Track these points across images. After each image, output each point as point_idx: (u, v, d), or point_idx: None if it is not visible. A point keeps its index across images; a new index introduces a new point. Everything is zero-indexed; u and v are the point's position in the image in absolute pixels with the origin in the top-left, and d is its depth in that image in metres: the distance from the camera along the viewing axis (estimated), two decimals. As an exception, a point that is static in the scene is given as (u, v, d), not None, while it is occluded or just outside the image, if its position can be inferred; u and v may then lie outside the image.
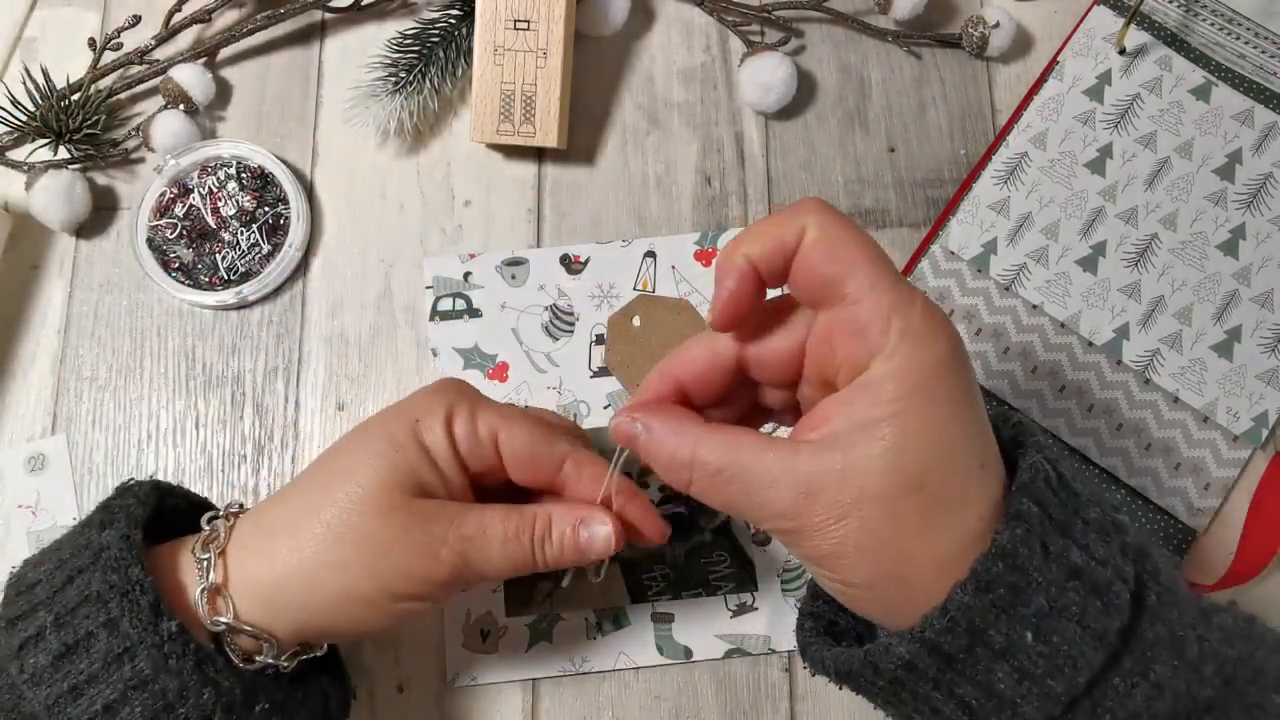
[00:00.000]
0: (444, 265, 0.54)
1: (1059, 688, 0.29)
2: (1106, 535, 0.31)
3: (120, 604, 0.33)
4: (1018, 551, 0.29)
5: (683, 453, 0.32)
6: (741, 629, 0.48)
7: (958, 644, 0.29)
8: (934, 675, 0.30)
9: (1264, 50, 0.54)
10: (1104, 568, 0.30)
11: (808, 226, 0.31)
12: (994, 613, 0.29)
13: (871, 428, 0.30)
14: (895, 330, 0.30)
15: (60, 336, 0.53)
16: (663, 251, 0.54)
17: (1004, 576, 0.29)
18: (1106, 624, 0.29)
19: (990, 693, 0.30)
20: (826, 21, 0.57)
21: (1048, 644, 0.29)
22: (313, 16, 0.58)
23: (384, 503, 0.36)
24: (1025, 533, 0.29)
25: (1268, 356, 0.51)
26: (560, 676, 0.48)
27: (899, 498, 0.30)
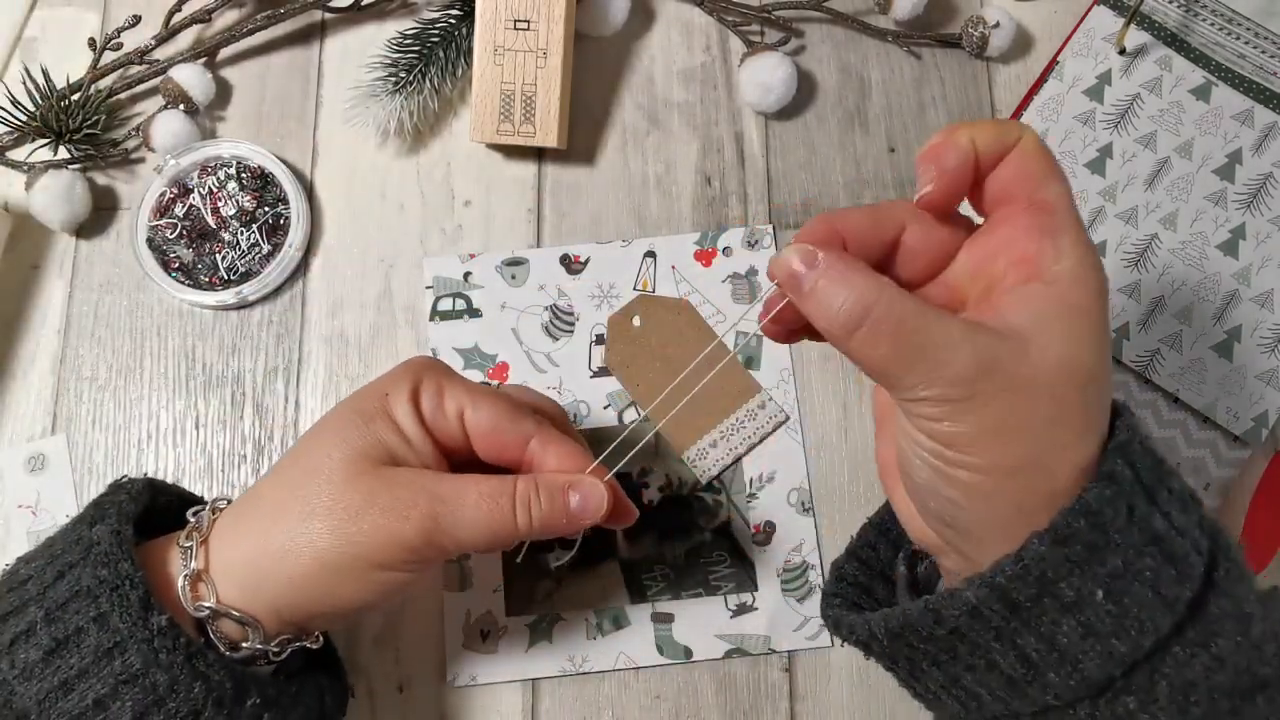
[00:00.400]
0: (444, 265, 0.54)
1: (1123, 648, 0.29)
2: (1187, 506, 0.31)
3: (110, 598, 0.33)
4: (1103, 510, 0.29)
5: (868, 295, 0.30)
6: (741, 629, 0.48)
7: (1027, 592, 0.29)
8: (997, 624, 0.30)
9: (1264, 50, 0.54)
10: (1183, 538, 0.30)
11: (1025, 135, 0.32)
12: (1068, 566, 0.29)
13: (1055, 321, 0.30)
14: (1081, 243, 0.31)
15: (60, 336, 0.53)
16: (663, 251, 0.54)
17: (1083, 533, 0.29)
18: (1178, 592, 0.30)
19: (1053, 645, 0.30)
20: (826, 21, 0.57)
21: (1118, 604, 0.29)
22: (313, 16, 0.58)
23: (352, 470, 0.36)
24: (1114, 494, 0.29)
25: (1268, 356, 0.51)
26: (560, 676, 0.48)
27: (1069, 389, 0.30)
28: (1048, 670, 0.30)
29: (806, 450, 0.51)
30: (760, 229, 0.54)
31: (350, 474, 0.36)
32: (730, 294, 0.53)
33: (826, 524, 0.50)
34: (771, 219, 0.54)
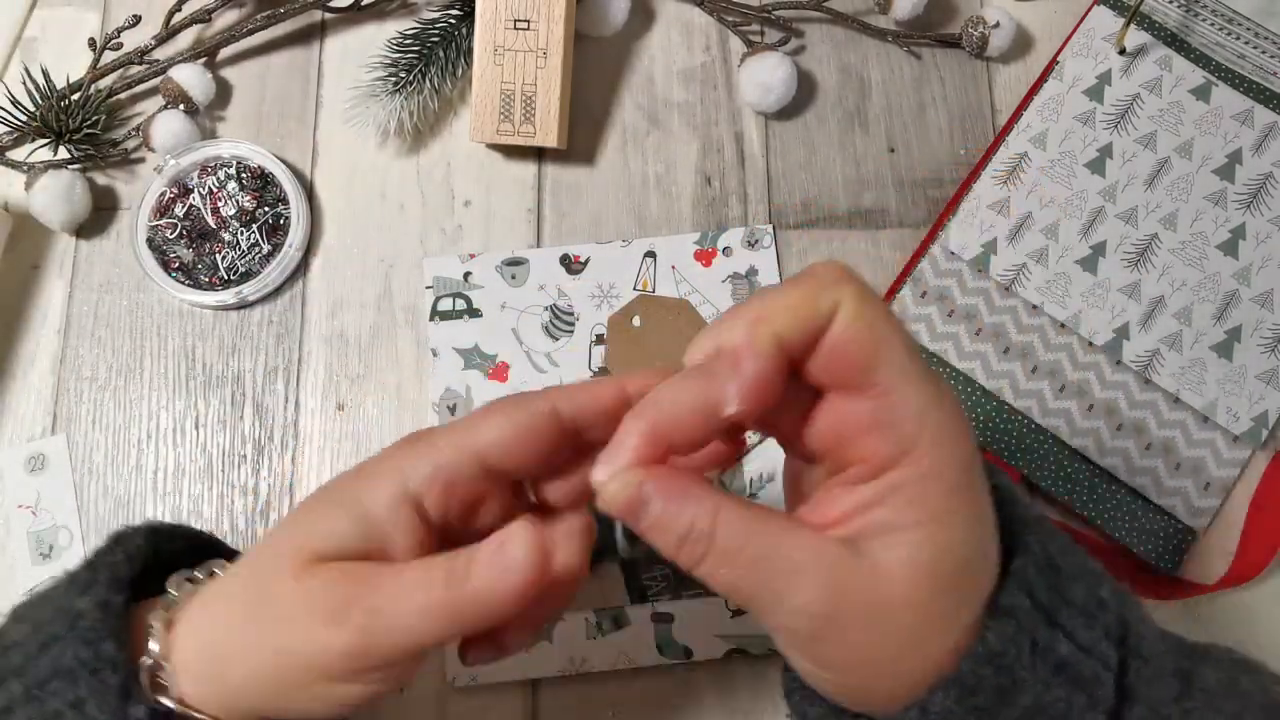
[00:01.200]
0: (444, 265, 0.53)
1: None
2: (1091, 618, 0.29)
3: (89, 683, 0.31)
4: (1007, 651, 0.28)
5: (699, 523, 0.28)
6: (742, 629, 0.48)
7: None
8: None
9: (1264, 50, 0.54)
10: (1089, 657, 0.29)
11: (842, 302, 0.27)
12: (976, 714, 0.28)
13: (907, 531, 0.27)
14: (930, 428, 0.27)
15: (60, 336, 0.53)
16: (663, 251, 0.54)
17: (991, 679, 0.27)
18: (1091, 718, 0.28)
19: None
20: (826, 21, 0.57)
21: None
22: (313, 16, 0.58)
23: (297, 566, 0.31)
24: (1015, 629, 0.28)
25: (1268, 356, 0.51)
26: (560, 677, 0.48)
27: (932, 602, 0.27)
28: None
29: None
30: (760, 228, 0.54)
31: (293, 573, 0.31)
32: (730, 294, 0.53)
33: (826, 524, 0.50)
34: (772, 219, 0.54)
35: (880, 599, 0.27)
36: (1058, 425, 0.50)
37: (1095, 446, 0.50)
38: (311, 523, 0.33)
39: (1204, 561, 0.49)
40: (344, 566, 0.31)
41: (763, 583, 0.27)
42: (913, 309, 0.52)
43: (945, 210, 0.54)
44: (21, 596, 0.35)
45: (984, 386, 0.51)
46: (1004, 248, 0.52)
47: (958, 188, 0.54)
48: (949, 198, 0.54)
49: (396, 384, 0.52)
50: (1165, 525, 0.49)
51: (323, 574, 0.31)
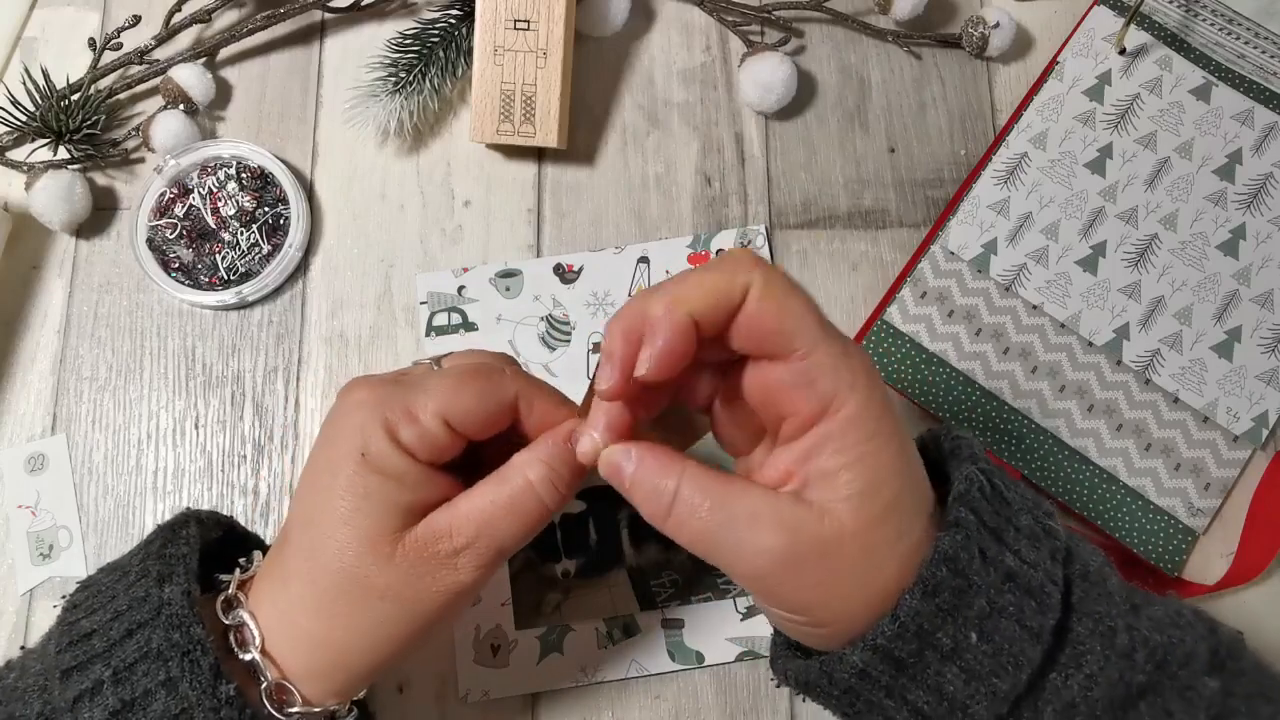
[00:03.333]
0: (437, 281, 0.53)
1: (1004, 686, 0.31)
2: (1036, 541, 0.33)
3: (180, 664, 0.33)
4: (959, 556, 0.31)
5: (668, 483, 0.33)
6: (752, 631, 0.48)
7: (908, 648, 0.31)
8: (886, 682, 0.31)
9: (1264, 50, 0.54)
10: (1035, 570, 0.32)
11: (752, 282, 0.31)
12: (941, 616, 0.31)
13: (841, 472, 0.31)
14: (845, 379, 0.31)
15: (60, 336, 0.53)
16: (656, 256, 0.54)
17: (948, 581, 0.31)
18: (1041, 622, 0.31)
19: (941, 695, 0.31)
20: (826, 21, 0.57)
21: (991, 643, 0.31)
22: (313, 16, 0.58)
23: (383, 553, 0.35)
24: (965, 539, 0.31)
25: (1268, 357, 0.51)
26: (573, 688, 0.48)
27: (872, 532, 0.31)
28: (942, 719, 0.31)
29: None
30: (753, 229, 0.54)
31: (384, 559, 0.35)
32: (730, 294, 0.53)
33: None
34: (771, 219, 0.54)
35: (829, 534, 0.31)
36: (1058, 425, 0.50)
37: (1095, 446, 0.50)
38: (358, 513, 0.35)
39: (1204, 561, 0.49)
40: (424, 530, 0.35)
41: (725, 529, 0.32)
42: (913, 309, 0.52)
43: (945, 210, 0.54)
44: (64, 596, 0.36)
45: (984, 386, 0.51)
46: (1004, 248, 0.52)
47: (958, 188, 0.54)
48: (949, 198, 0.54)
49: (396, 384, 0.52)
50: (1165, 525, 0.49)
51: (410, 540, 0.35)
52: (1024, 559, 0.32)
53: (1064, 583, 0.32)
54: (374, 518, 0.35)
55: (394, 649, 0.36)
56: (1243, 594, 0.49)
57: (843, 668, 0.32)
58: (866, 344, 0.52)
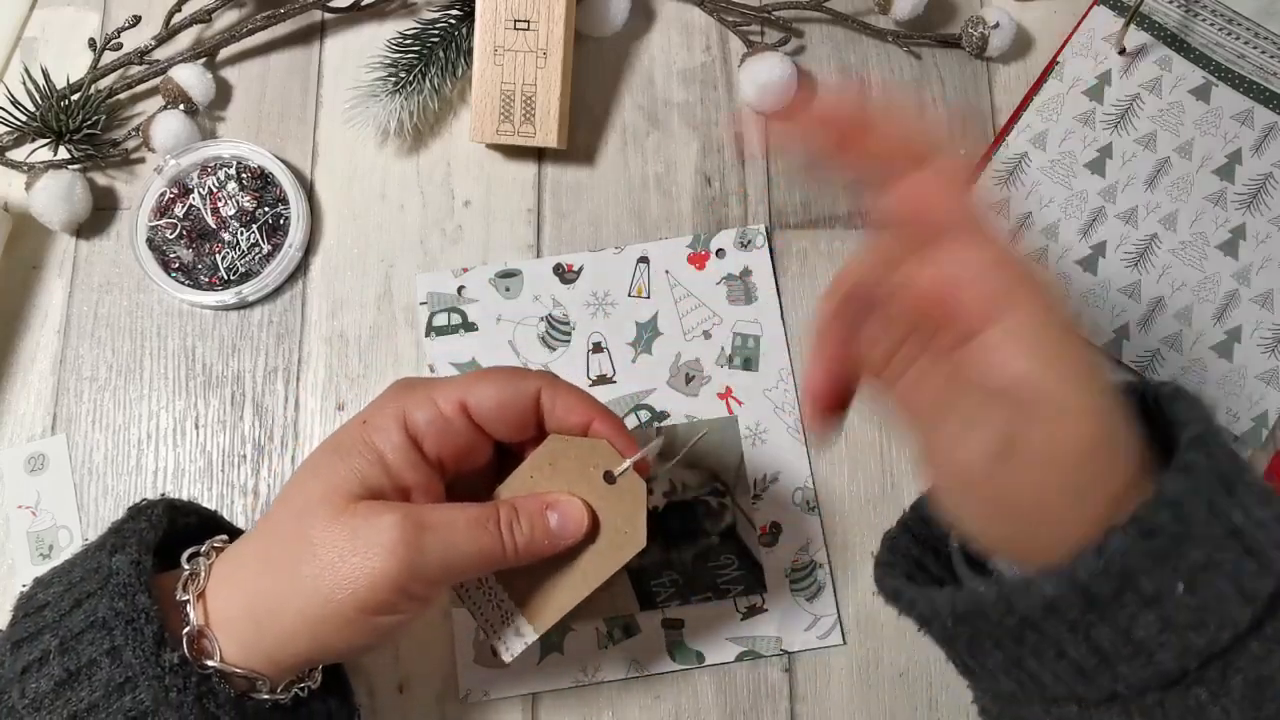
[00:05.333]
0: (437, 281, 0.53)
1: (1200, 641, 0.29)
2: (1268, 500, 0.30)
3: (125, 632, 0.33)
4: (1183, 502, 0.29)
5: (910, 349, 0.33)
6: (752, 631, 0.48)
7: (1108, 587, 0.29)
8: (1073, 617, 0.29)
9: (1264, 50, 0.54)
10: (1261, 530, 0.30)
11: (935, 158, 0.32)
12: (1150, 560, 0.29)
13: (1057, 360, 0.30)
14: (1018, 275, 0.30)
15: (60, 336, 0.53)
16: (655, 256, 0.54)
17: (1168, 526, 0.29)
18: (1258, 586, 0.29)
19: (1129, 639, 0.29)
20: (826, 21, 0.57)
21: (1198, 598, 0.29)
22: (313, 16, 0.58)
23: (332, 511, 0.35)
24: (1193, 485, 0.29)
25: (1267, 357, 0.51)
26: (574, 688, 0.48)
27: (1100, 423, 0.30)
28: (1119, 662, 0.30)
29: (809, 449, 0.51)
30: (752, 229, 0.54)
31: (329, 515, 0.35)
32: (725, 296, 0.53)
33: (831, 522, 0.50)
34: (772, 219, 0.54)
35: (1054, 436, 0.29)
36: (1058, 425, 0.50)
37: (1095, 446, 0.50)
38: (334, 471, 0.36)
39: (1204, 561, 0.49)
40: (386, 503, 0.36)
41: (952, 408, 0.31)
42: (913, 309, 0.52)
43: (945, 210, 0.54)
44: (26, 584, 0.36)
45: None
46: (1004, 248, 0.52)
47: (958, 188, 0.54)
48: (949, 198, 0.54)
49: (396, 384, 0.52)
50: (1165, 525, 0.49)
51: (364, 511, 0.35)
52: (1251, 516, 0.30)
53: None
54: (341, 476, 0.36)
55: (309, 629, 0.35)
56: (1243, 594, 0.49)
57: (1029, 597, 0.29)
58: (866, 344, 0.52)
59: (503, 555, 0.36)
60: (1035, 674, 0.31)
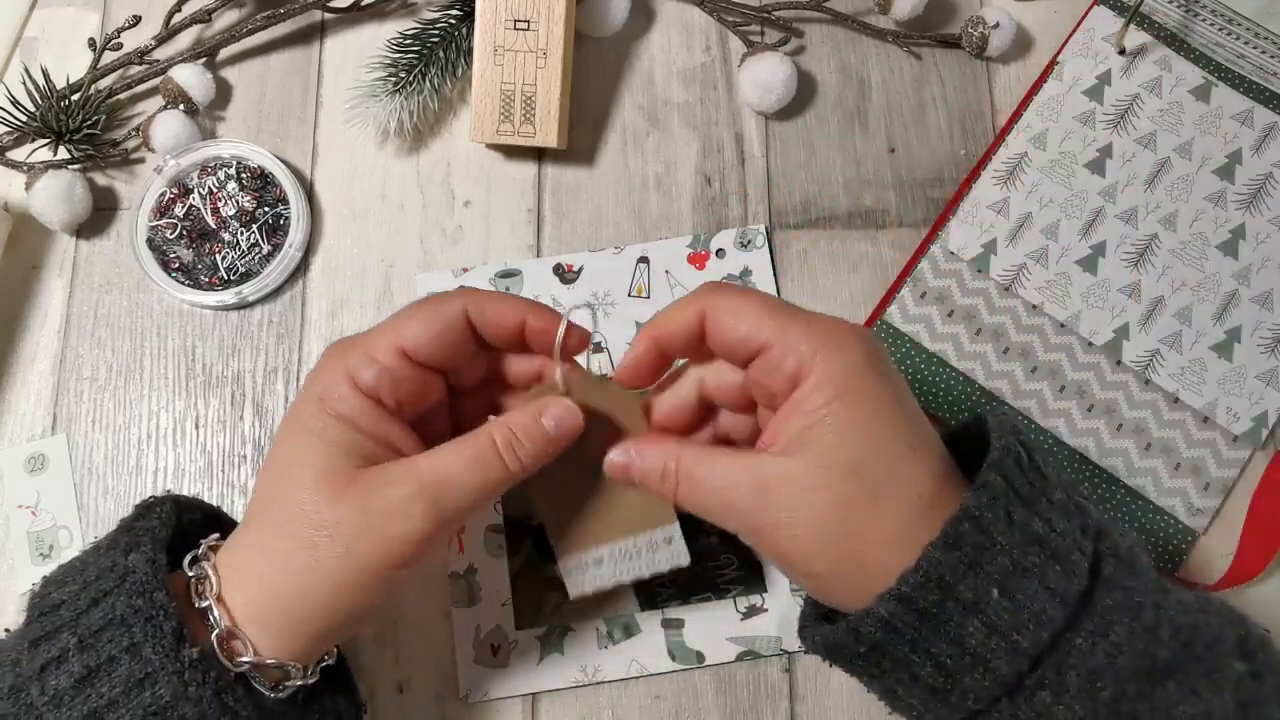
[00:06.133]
0: (437, 281, 0.53)
1: (1024, 642, 0.32)
2: (1069, 514, 0.34)
3: (144, 629, 0.33)
4: (983, 515, 0.33)
5: (668, 465, 0.37)
6: (752, 631, 0.48)
7: (931, 598, 0.32)
8: (910, 635, 0.33)
9: (1264, 50, 0.54)
10: (1064, 539, 0.33)
11: (706, 309, 0.37)
12: (962, 568, 0.32)
13: (806, 432, 0.34)
14: (807, 354, 0.35)
15: (60, 336, 0.53)
16: (655, 256, 0.54)
17: (970, 535, 0.32)
18: (1066, 586, 0.32)
19: (963, 648, 0.32)
20: (826, 21, 0.57)
21: (1012, 600, 0.32)
22: (313, 16, 0.58)
23: (333, 491, 0.35)
24: (990, 500, 0.33)
25: (1267, 357, 0.51)
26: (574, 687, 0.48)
27: (839, 485, 0.34)
28: (963, 675, 0.33)
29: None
30: (752, 229, 0.54)
31: (333, 495, 0.35)
32: (730, 294, 0.53)
33: (826, 524, 0.50)
34: (772, 219, 0.54)
35: (797, 492, 0.34)
36: (1058, 425, 0.50)
37: (1095, 446, 0.50)
38: (315, 452, 0.36)
39: (1204, 561, 0.49)
40: (378, 470, 0.36)
41: (714, 496, 0.36)
42: (913, 309, 0.52)
43: (945, 210, 0.54)
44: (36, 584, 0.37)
45: (984, 387, 0.51)
46: (1004, 248, 0.52)
47: (958, 188, 0.54)
48: (949, 198, 0.54)
49: (396, 384, 0.52)
50: (1165, 525, 0.49)
51: (366, 481, 0.36)
52: (1053, 527, 0.33)
53: (1093, 556, 0.33)
54: (327, 455, 0.36)
55: (344, 599, 0.36)
56: (1243, 594, 0.49)
57: (868, 622, 0.33)
58: (866, 344, 0.52)
59: (510, 475, 0.37)
60: (906, 703, 0.35)
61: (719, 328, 0.37)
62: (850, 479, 0.34)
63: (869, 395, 0.35)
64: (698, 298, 0.37)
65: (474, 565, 0.49)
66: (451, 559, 0.50)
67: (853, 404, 0.34)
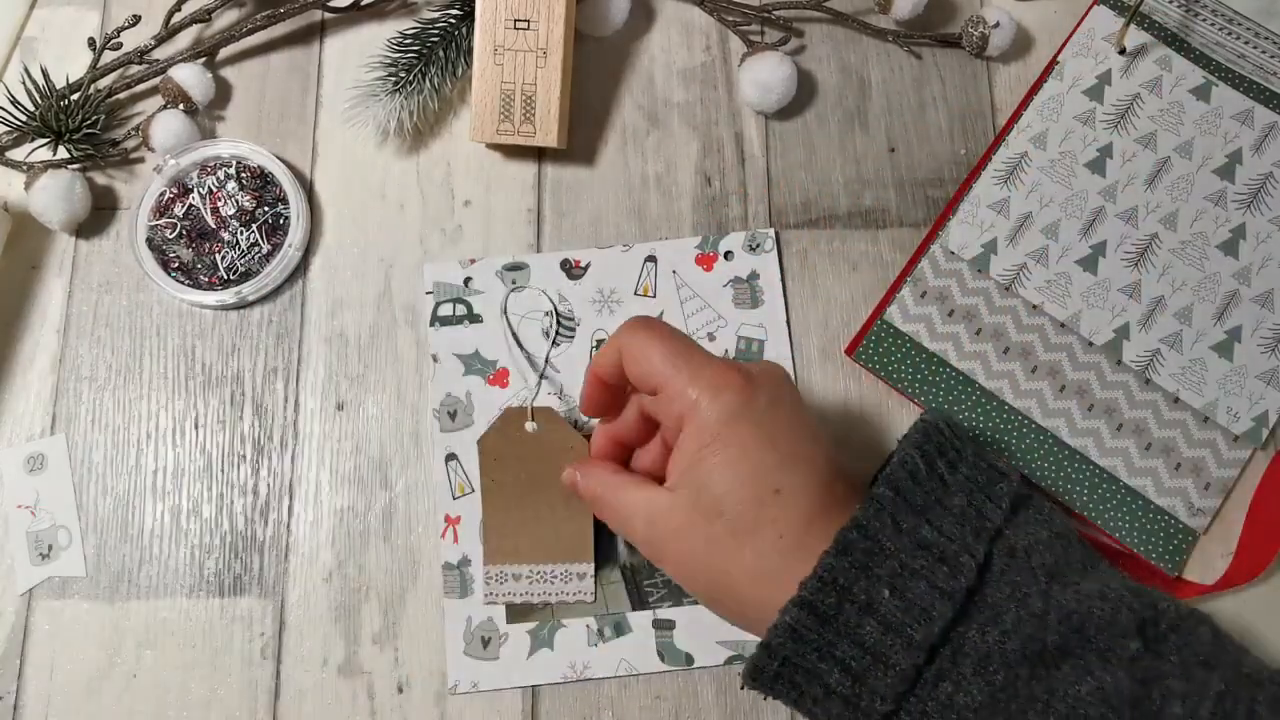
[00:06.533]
0: (444, 271, 0.53)
1: (918, 635, 0.35)
2: (963, 520, 0.37)
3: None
4: (869, 524, 0.36)
5: (595, 489, 0.42)
6: (743, 635, 0.48)
7: (829, 601, 0.35)
8: (815, 640, 0.35)
9: (1264, 50, 0.54)
10: (952, 542, 0.36)
11: (621, 346, 0.41)
12: (854, 572, 0.35)
13: (684, 473, 0.38)
14: (689, 399, 0.38)
15: (59, 336, 0.53)
16: (663, 256, 0.53)
17: (858, 543, 0.36)
18: (953, 584, 0.35)
19: (862, 647, 0.35)
20: (826, 21, 0.57)
21: (903, 599, 0.35)
22: (313, 16, 0.58)
23: None
24: (877, 511, 0.36)
25: (1268, 356, 0.51)
26: (562, 683, 0.48)
27: (706, 524, 0.37)
28: (867, 675, 0.35)
29: (806, 450, 0.51)
30: (762, 232, 0.54)
31: None
32: (732, 299, 0.53)
33: (827, 524, 0.50)
34: (772, 219, 0.54)
35: (677, 524, 0.38)
36: (1058, 425, 0.50)
37: (1095, 446, 0.50)
38: None
39: (1204, 561, 0.49)
40: None
41: (620, 524, 0.41)
42: (913, 309, 0.52)
43: (945, 210, 0.54)
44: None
45: (984, 386, 0.51)
46: (1004, 248, 0.52)
47: (958, 188, 0.54)
48: (949, 198, 0.54)
49: (396, 384, 0.52)
50: (1165, 525, 0.49)
51: None
52: (942, 533, 0.36)
53: (985, 556, 0.36)
54: None
55: None
56: (1243, 594, 0.49)
57: (777, 634, 0.35)
58: (866, 344, 0.52)
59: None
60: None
61: (628, 364, 0.41)
62: (715, 519, 0.37)
63: (737, 442, 0.37)
64: (619, 335, 0.41)
65: (468, 556, 0.49)
66: (445, 549, 0.50)
67: (722, 449, 0.37)
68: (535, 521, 0.49)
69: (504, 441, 0.49)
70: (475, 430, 0.51)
